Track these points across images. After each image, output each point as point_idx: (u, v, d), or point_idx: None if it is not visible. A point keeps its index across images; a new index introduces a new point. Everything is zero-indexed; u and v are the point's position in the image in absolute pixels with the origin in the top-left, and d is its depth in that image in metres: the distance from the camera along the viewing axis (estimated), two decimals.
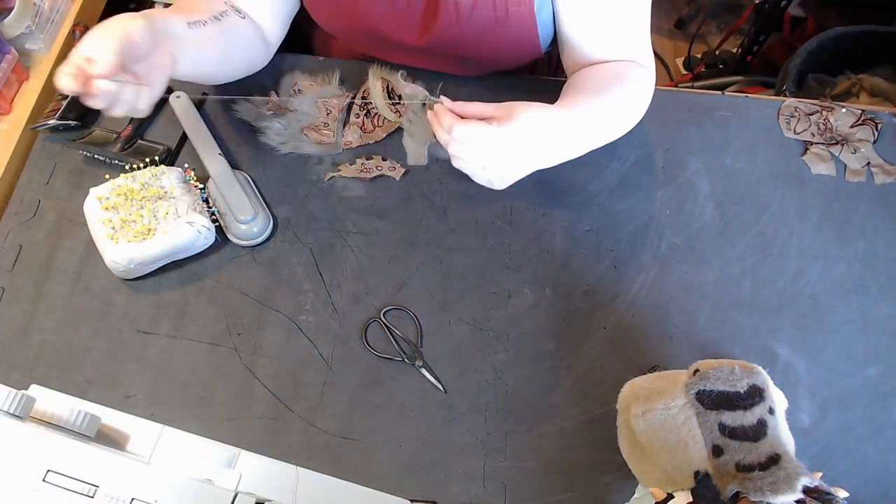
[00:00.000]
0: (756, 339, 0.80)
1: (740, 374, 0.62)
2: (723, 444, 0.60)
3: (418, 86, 0.90)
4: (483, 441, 0.75)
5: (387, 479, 0.73)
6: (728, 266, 0.84)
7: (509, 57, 0.89)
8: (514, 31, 0.83)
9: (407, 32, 0.86)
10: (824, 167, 0.90)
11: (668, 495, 0.60)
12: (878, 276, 0.83)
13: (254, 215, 0.83)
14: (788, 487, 0.55)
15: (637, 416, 0.66)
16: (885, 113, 0.94)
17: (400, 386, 0.78)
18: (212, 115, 0.94)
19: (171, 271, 0.83)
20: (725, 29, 2.01)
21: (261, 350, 0.79)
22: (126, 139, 0.90)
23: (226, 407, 0.77)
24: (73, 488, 0.53)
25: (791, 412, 0.71)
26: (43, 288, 0.83)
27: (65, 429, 0.63)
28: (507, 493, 0.73)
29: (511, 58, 0.90)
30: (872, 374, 0.78)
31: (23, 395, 0.59)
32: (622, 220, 0.87)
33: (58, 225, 0.87)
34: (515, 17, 0.82)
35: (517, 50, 0.87)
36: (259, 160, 0.91)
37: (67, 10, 1.02)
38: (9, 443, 0.55)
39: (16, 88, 0.95)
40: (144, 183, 0.81)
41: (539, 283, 0.83)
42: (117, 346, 0.80)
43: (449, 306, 0.82)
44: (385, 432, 0.76)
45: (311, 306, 0.82)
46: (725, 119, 0.93)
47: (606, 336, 0.80)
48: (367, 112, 0.93)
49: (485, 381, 0.78)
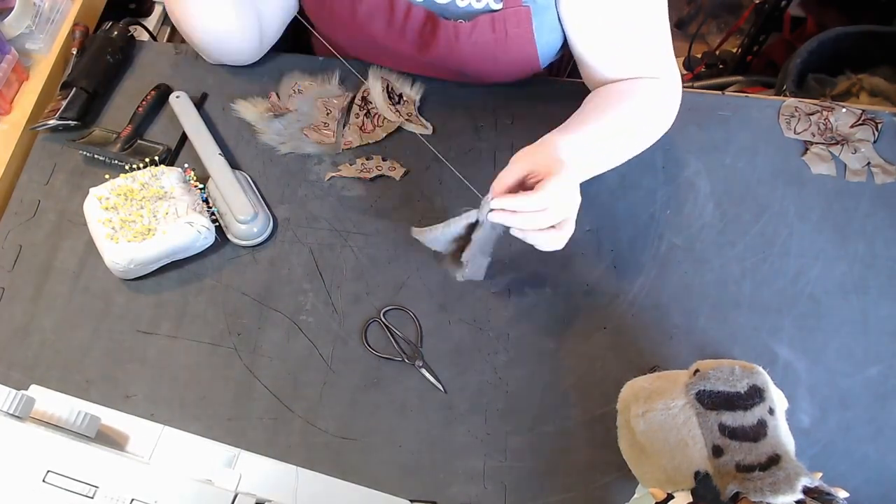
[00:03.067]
0: (756, 339, 0.80)
1: (740, 374, 0.62)
2: (723, 445, 0.60)
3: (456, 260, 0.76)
4: (483, 441, 0.75)
5: (387, 479, 0.73)
6: (728, 266, 0.84)
7: (508, 73, 0.90)
8: (513, 51, 0.83)
9: (406, 47, 0.86)
10: (824, 167, 0.90)
11: (668, 495, 0.60)
12: (878, 276, 0.83)
13: (254, 215, 0.83)
14: (788, 487, 0.55)
15: (637, 417, 0.66)
16: (885, 113, 0.94)
17: (400, 386, 0.78)
18: (212, 115, 0.94)
19: (171, 271, 0.83)
20: (725, 29, 2.01)
21: (261, 350, 0.79)
22: (126, 139, 0.90)
23: (226, 407, 0.77)
24: (73, 489, 0.53)
25: (791, 412, 0.71)
26: (43, 288, 0.83)
27: (65, 429, 0.63)
28: (507, 493, 0.73)
29: (510, 73, 0.90)
30: (872, 374, 0.78)
31: (23, 395, 0.59)
32: (622, 220, 0.86)
33: (58, 225, 0.87)
34: (514, 38, 0.82)
35: (516, 67, 0.88)
36: (259, 160, 0.91)
37: (67, 10, 1.02)
38: (9, 443, 0.55)
39: (16, 88, 0.95)
40: (144, 183, 0.81)
41: (539, 283, 0.83)
42: (117, 346, 0.80)
43: (449, 306, 0.82)
44: (385, 432, 0.76)
45: (311, 306, 0.82)
46: (725, 119, 0.93)
47: (606, 336, 0.80)
48: (367, 112, 0.93)
49: (485, 381, 0.78)
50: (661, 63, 0.82)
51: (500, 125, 0.93)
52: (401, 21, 0.83)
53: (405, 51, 0.87)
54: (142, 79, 0.97)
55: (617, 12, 0.78)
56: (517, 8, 0.79)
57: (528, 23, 0.80)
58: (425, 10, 0.82)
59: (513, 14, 0.80)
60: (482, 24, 0.81)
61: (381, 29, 0.85)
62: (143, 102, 0.92)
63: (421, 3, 0.82)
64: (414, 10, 0.82)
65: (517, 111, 0.93)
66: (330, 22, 0.88)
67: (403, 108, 0.93)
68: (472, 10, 0.81)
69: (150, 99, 0.93)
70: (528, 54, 0.84)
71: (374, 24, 0.84)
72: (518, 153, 0.70)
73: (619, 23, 0.79)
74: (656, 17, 0.79)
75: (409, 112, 0.92)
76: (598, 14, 0.79)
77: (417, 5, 0.82)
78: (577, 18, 0.80)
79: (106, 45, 0.96)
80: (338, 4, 0.85)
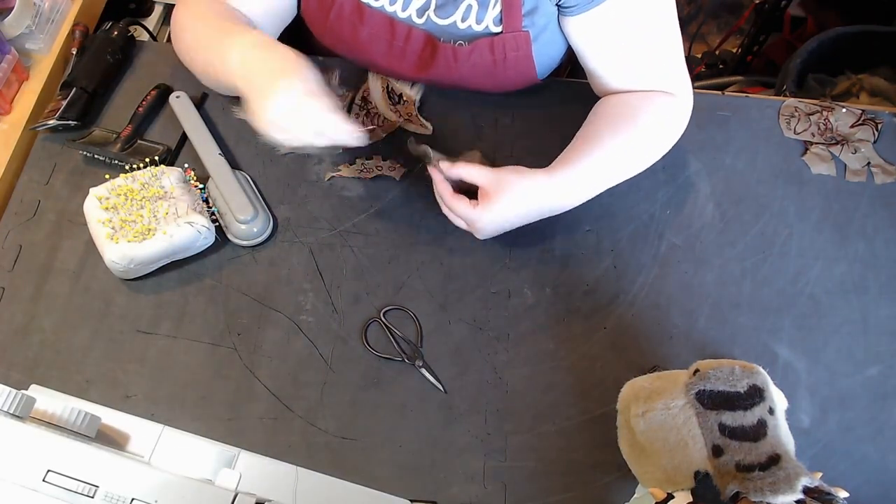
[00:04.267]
0: (756, 339, 0.80)
1: (740, 374, 0.62)
2: (723, 444, 0.60)
3: (425, 144, 0.81)
4: (483, 441, 0.75)
5: (387, 479, 0.73)
6: (728, 266, 0.84)
7: (506, 87, 0.90)
8: (511, 72, 0.84)
9: (406, 69, 0.87)
10: (824, 167, 0.90)
11: (668, 495, 0.60)
12: (878, 276, 0.83)
13: (254, 215, 0.83)
14: (788, 487, 0.55)
15: (637, 416, 0.66)
16: (885, 113, 0.94)
17: (400, 386, 0.78)
18: (212, 115, 0.94)
19: (171, 271, 0.83)
20: (725, 29, 2.01)
21: (261, 350, 0.79)
22: (126, 139, 0.90)
23: (226, 407, 0.77)
24: (73, 488, 0.53)
25: (791, 412, 0.71)
26: (43, 288, 0.83)
27: (65, 429, 0.63)
28: (507, 493, 0.73)
29: (508, 88, 0.91)
30: (872, 374, 0.78)
31: (23, 395, 0.59)
32: (622, 220, 0.86)
33: (58, 225, 0.87)
34: (513, 61, 0.82)
35: (514, 84, 0.89)
36: (259, 160, 0.91)
37: (67, 10, 1.02)
38: (9, 443, 0.55)
39: (16, 88, 0.95)
40: (144, 183, 0.81)
41: (539, 283, 0.83)
42: (117, 346, 0.80)
43: (449, 306, 0.82)
44: (385, 432, 0.76)
45: (311, 306, 0.82)
46: (725, 119, 0.93)
47: (606, 336, 0.80)
48: (367, 112, 0.93)
49: (485, 381, 0.78)
50: (675, 78, 0.82)
51: (500, 125, 0.93)
52: (401, 44, 0.84)
53: (405, 72, 0.88)
54: (142, 79, 0.97)
55: (630, 26, 0.78)
56: (516, 33, 0.80)
57: (527, 47, 0.81)
58: (425, 34, 0.83)
59: (511, 39, 0.80)
60: (481, 47, 0.81)
61: (381, 52, 0.86)
62: (143, 102, 0.92)
63: (421, 26, 0.83)
64: (414, 33, 0.83)
65: (517, 111, 0.93)
66: (331, 42, 0.89)
67: (403, 108, 0.93)
68: (473, 32, 0.82)
69: (150, 99, 0.93)
70: (526, 74, 0.85)
71: (375, 47, 0.85)
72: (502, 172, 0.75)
73: (632, 36, 0.78)
74: (668, 30, 0.79)
75: (409, 112, 0.92)
76: (610, 29, 0.78)
77: (418, 28, 0.83)
78: (587, 34, 0.80)
79: (106, 45, 0.96)
80: (339, 25, 0.85)
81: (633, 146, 0.80)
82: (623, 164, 0.81)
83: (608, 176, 0.80)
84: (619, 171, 0.81)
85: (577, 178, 0.78)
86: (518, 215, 0.77)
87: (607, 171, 0.80)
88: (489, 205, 0.74)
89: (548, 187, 0.76)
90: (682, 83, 0.83)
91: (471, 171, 0.75)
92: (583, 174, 0.78)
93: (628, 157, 0.81)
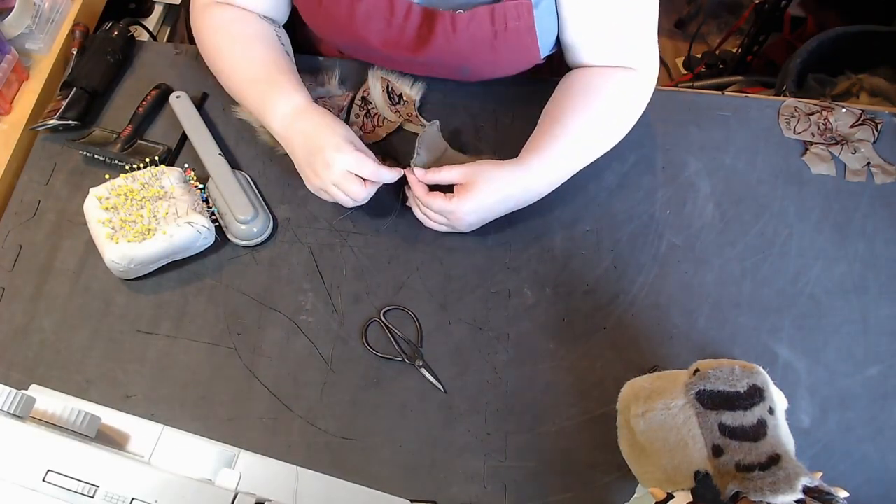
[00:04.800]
0: (756, 339, 0.80)
1: (740, 374, 0.62)
2: (723, 444, 0.60)
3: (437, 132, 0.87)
4: (483, 441, 0.75)
5: (387, 479, 0.73)
6: (728, 266, 0.84)
7: (508, 66, 0.89)
8: (512, 43, 0.82)
9: (404, 49, 0.86)
10: (824, 167, 0.90)
11: (668, 495, 0.60)
12: (878, 276, 0.83)
13: (254, 215, 0.83)
14: (788, 487, 0.55)
15: (637, 416, 0.66)
16: (885, 113, 0.94)
17: (400, 386, 0.78)
18: (212, 115, 0.94)
19: (171, 271, 0.83)
20: (725, 29, 2.01)
21: (261, 350, 0.79)
22: (126, 139, 0.90)
23: (226, 407, 0.77)
24: (73, 488, 0.53)
25: (791, 412, 0.71)
26: (43, 288, 0.83)
27: (65, 429, 0.63)
28: (507, 493, 0.73)
29: (510, 67, 0.89)
30: (872, 374, 0.78)
31: (23, 395, 0.59)
32: (622, 220, 0.87)
33: (58, 225, 0.87)
34: (514, 31, 0.81)
35: (516, 60, 0.87)
36: (259, 160, 0.91)
37: (67, 10, 1.02)
38: (9, 443, 0.55)
39: (16, 88, 0.95)
40: (144, 183, 0.81)
41: (539, 283, 0.83)
42: (117, 346, 0.80)
43: (449, 306, 0.82)
44: (385, 432, 0.76)
45: (311, 306, 0.82)
46: (725, 119, 0.93)
47: (606, 336, 0.80)
48: (367, 112, 0.93)
49: (485, 381, 0.78)
50: (641, 53, 0.83)
51: (500, 125, 0.93)
52: (400, 21, 0.83)
53: (402, 53, 0.86)
54: (142, 79, 0.97)
55: None
56: (518, 1, 0.79)
57: (529, 17, 0.79)
58: (424, 9, 0.82)
59: (513, 7, 0.78)
60: (481, 15, 0.79)
61: (378, 30, 0.84)
62: (143, 102, 0.92)
63: (421, 2, 0.82)
64: (414, 8, 0.82)
65: (517, 111, 0.93)
66: (325, 25, 0.88)
67: (403, 108, 0.93)
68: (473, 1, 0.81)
69: (151, 99, 0.93)
70: (528, 46, 0.83)
71: (372, 25, 0.84)
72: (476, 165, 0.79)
73: (610, 8, 0.79)
74: (646, 7, 0.80)
75: (409, 112, 0.92)
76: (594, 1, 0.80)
77: (417, 4, 0.82)
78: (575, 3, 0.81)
79: (106, 45, 0.96)
80: (335, 6, 0.84)
81: (594, 126, 0.82)
82: (589, 145, 0.83)
83: (577, 158, 0.82)
84: (586, 152, 0.83)
85: (548, 165, 0.80)
86: (497, 201, 0.79)
87: (575, 153, 0.82)
88: (467, 194, 0.77)
89: (522, 177, 0.79)
90: (647, 58, 0.84)
91: (445, 174, 0.78)
92: (552, 161, 0.80)
93: (592, 137, 0.83)
